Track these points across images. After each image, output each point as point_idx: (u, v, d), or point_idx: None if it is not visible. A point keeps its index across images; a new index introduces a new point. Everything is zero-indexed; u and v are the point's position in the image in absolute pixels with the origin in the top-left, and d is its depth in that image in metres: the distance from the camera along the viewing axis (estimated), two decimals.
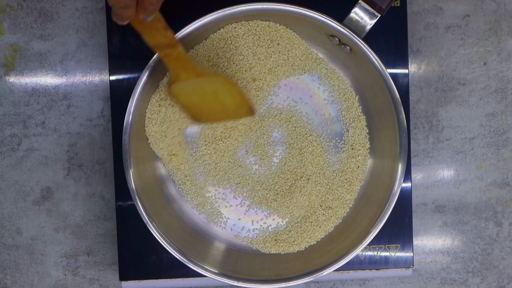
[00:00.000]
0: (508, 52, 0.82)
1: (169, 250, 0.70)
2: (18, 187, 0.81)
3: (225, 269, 0.72)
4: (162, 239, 0.70)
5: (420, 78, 0.81)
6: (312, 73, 0.75)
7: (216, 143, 0.75)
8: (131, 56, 0.76)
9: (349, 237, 0.73)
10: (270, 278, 0.71)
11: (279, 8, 0.69)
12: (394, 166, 0.71)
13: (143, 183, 0.72)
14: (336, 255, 0.71)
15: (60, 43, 0.80)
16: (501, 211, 0.83)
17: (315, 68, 0.75)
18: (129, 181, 0.70)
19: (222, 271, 0.71)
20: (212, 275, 0.70)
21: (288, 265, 0.74)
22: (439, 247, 0.83)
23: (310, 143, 0.75)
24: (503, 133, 0.82)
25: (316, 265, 0.72)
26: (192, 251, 0.72)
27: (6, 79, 0.80)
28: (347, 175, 0.75)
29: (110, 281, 0.82)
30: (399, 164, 0.70)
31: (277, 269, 0.74)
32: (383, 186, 0.72)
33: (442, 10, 0.81)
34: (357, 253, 0.70)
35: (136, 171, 0.71)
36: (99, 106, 0.80)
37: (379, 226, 0.70)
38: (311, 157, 0.75)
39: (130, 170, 0.70)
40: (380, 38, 0.77)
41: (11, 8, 0.79)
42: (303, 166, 0.75)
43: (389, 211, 0.70)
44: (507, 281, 0.84)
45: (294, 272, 0.72)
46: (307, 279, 0.70)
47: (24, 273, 0.82)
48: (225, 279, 0.70)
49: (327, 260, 0.71)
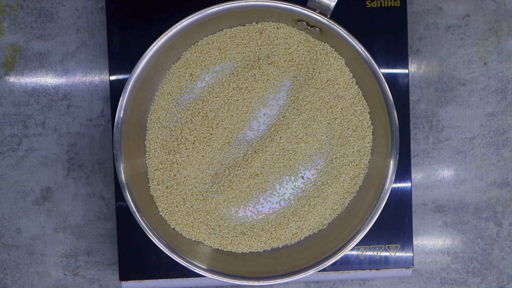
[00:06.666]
0: (508, 52, 0.82)
1: (158, 246, 0.70)
2: (18, 187, 0.81)
3: (214, 266, 0.72)
4: (152, 234, 0.70)
5: (420, 78, 0.81)
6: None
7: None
8: (131, 56, 0.76)
9: (342, 233, 0.73)
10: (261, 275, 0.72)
11: (241, 5, 0.68)
12: (386, 164, 0.71)
13: (133, 178, 0.72)
14: (322, 255, 0.72)
15: (60, 43, 0.80)
16: (501, 211, 0.83)
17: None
18: (120, 175, 0.70)
19: (211, 267, 0.71)
20: (201, 271, 0.71)
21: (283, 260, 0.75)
22: (439, 247, 0.83)
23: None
24: (503, 133, 0.82)
25: (305, 263, 0.72)
26: (182, 247, 0.72)
27: (6, 79, 0.80)
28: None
29: (110, 281, 0.82)
30: (390, 161, 0.70)
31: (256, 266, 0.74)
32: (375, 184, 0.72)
33: (442, 10, 0.81)
34: (346, 252, 0.70)
35: (127, 166, 0.71)
36: (99, 106, 0.80)
37: (369, 224, 0.70)
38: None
39: (121, 165, 0.70)
40: (380, 38, 0.77)
41: (11, 8, 0.79)
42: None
43: (380, 209, 0.70)
44: (507, 281, 0.84)
45: (284, 269, 0.72)
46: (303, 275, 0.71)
47: (24, 273, 0.82)
48: (213, 275, 0.70)
49: (317, 258, 0.72)
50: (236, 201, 0.76)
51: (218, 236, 0.75)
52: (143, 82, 0.71)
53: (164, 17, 0.76)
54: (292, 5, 0.68)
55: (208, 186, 0.76)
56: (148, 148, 0.75)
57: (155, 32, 0.75)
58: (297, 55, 0.75)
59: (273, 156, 0.75)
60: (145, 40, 0.76)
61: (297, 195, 0.76)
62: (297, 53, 0.75)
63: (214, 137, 0.75)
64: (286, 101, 0.76)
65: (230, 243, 0.76)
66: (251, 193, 0.76)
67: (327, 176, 0.75)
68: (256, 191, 0.76)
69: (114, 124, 0.70)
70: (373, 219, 0.70)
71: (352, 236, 0.71)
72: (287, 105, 0.75)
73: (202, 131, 0.75)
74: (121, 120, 0.70)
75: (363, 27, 0.76)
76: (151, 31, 0.76)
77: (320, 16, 0.68)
